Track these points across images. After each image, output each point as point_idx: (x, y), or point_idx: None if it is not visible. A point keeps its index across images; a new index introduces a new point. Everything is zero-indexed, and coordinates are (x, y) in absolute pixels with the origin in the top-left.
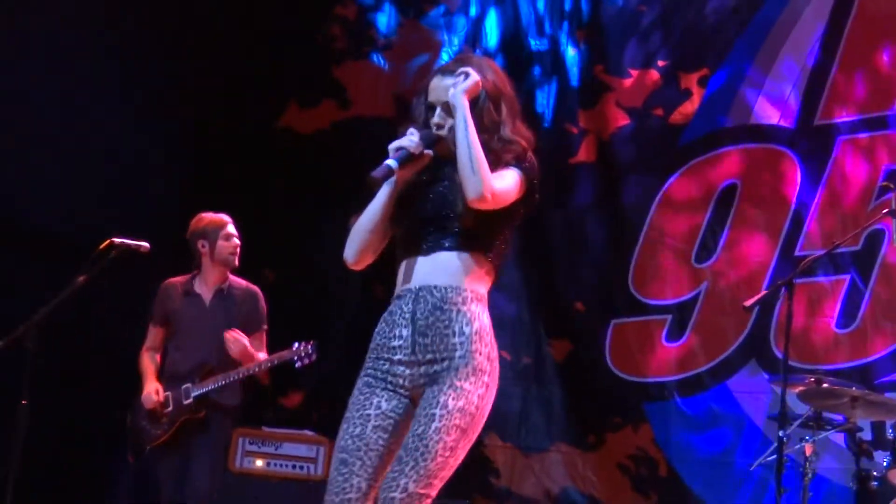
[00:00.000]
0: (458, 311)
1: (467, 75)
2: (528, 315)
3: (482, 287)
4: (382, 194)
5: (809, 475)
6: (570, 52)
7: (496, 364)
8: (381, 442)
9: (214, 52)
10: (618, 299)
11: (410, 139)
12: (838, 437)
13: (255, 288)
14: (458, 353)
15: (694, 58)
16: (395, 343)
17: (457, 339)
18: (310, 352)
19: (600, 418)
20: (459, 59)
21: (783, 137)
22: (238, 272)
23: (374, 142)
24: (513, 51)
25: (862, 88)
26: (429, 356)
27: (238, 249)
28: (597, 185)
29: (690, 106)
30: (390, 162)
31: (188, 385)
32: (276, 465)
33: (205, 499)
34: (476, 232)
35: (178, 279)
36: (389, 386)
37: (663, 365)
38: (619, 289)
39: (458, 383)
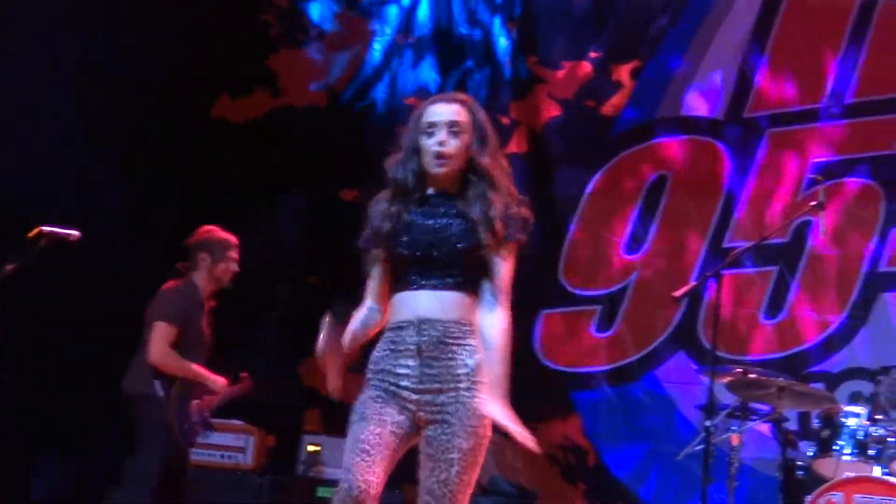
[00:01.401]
0: (461, 345)
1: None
2: None
3: (476, 318)
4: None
5: (736, 465)
6: (503, 43)
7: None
8: (394, 445)
9: (147, 40)
10: (548, 290)
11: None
12: (765, 427)
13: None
14: (462, 386)
15: (626, 49)
16: (402, 371)
17: (462, 372)
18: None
19: (529, 408)
20: (457, 94)
21: (713, 129)
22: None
23: (306, 131)
24: (444, 41)
25: (792, 81)
26: (436, 385)
27: (236, 274)
28: (528, 176)
29: (622, 97)
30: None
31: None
32: (204, 454)
33: None
34: (474, 273)
35: (180, 282)
36: (398, 402)
37: (593, 355)
38: (548, 279)
39: (467, 422)
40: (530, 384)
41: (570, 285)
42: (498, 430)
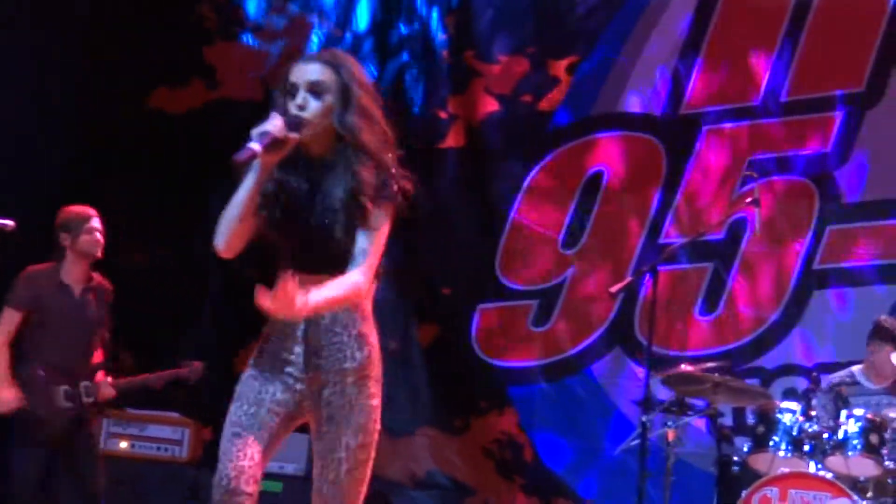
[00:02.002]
0: (350, 334)
1: None
2: (395, 299)
3: (368, 303)
4: (249, 182)
5: (672, 460)
6: (440, 37)
7: (381, 380)
8: (272, 423)
9: (83, 30)
10: (484, 284)
11: (273, 123)
12: (700, 423)
13: (108, 284)
14: (350, 380)
15: (563, 45)
16: (288, 356)
17: (349, 365)
18: (200, 372)
19: (466, 402)
20: (324, 52)
21: (650, 125)
22: (110, 255)
23: (242, 124)
24: (382, 34)
25: (728, 78)
26: (322, 376)
27: (100, 243)
28: (465, 170)
29: (559, 93)
30: (253, 144)
31: (87, 383)
32: (140, 446)
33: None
34: (351, 254)
35: (41, 267)
36: (284, 381)
37: (529, 350)
38: (485, 274)
39: (354, 420)
40: (467, 379)
41: (507, 280)
42: (435, 425)
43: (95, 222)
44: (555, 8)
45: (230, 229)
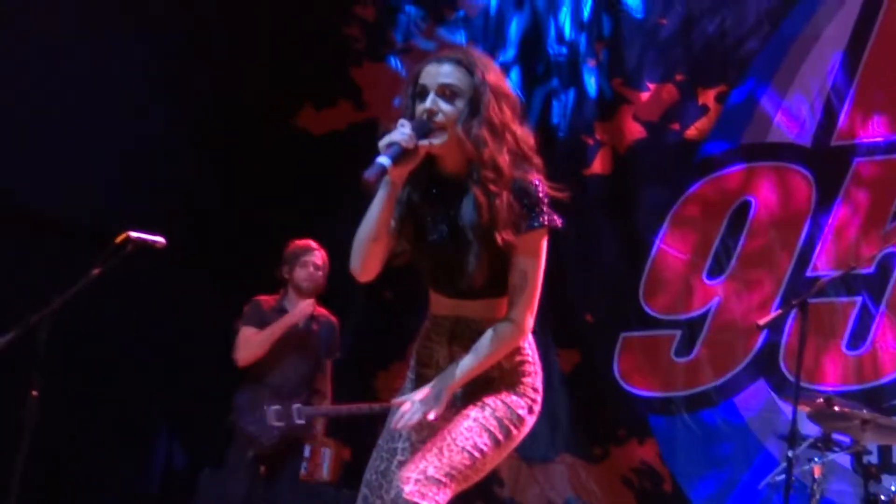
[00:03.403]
0: None
1: None
2: (537, 325)
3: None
4: (379, 199)
5: (817, 497)
6: (589, 63)
7: (540, 396)
8: None
9: (232, 49)
10: (628, 312)
11: (402, 132)
12: (844, 459)
13: (335, 319)
14: (497, 385)
15: (712, 73)
16: (433, 372)
17: (496, 374)
18: None
19: (606, 431)
20: (458, 49)
21: (799, 156)
22: (251, 271)
23: None
24: (531, 60)
25: (881, 110)
26: (468, 389)
27: (315, 278)
28: (610, 197)
29: (707, 122)
30: (382, 160)
31: (298, 405)
32: None
33: None
34: (494, 282)
35: (268, 297)
36: (422, 419)
37: (671, 380)
38: (629, 302)
39: (500, 396)
40: (607, 406)
41: (651, 308)
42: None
43: (313, 256)
44: (705, 37)
45: (364, 251)
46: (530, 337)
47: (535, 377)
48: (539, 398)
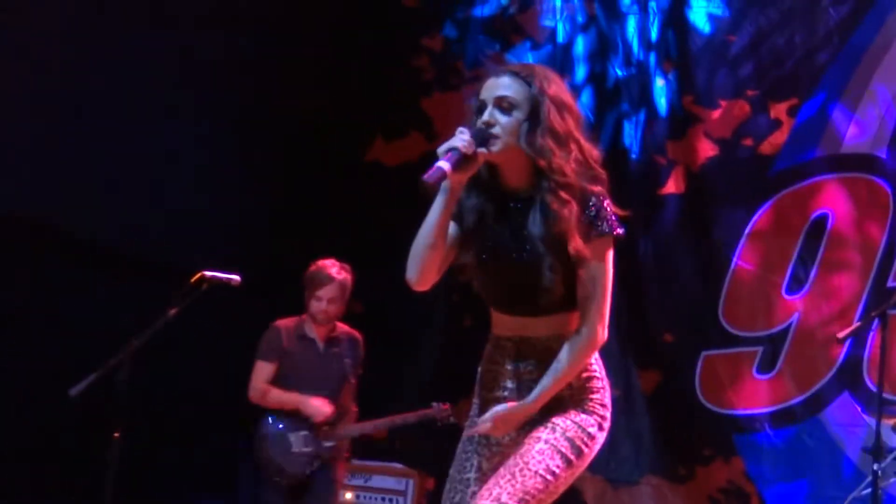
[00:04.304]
0: None
1: None
2: (617, 346)
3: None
4: (437, 206)
5: None
6: (659, 83)
7: (609, 412)
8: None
9: (300, 82)
10: (708, 331)
11: (461, 137)
12: None
13: (357, 334)
14: (567, 403)
15: (784, 87)
16: (500, 394)
17: (565, 392)
18: (449, 414)
19: (691, 451)
20: (518, 63)
21: (874, 167)
22: None
23: None
24: (600, 81)
25: None
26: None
27: (327, 314)
28: (686, 215)
29: (780, 136)
30: (442, 164)
31: (325, 428)
32: (365, 497)
33: None
34: (567, 296)
35: (287, 321)
36: (492, 446)
37: (754, 397)
38: (709, 320)
39: (569, 416)
40: (691, 426)
41: (731, 326)
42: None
43: (325, 290)
44: (775, 50)
45: (421, 259)
46: (597, 356)
47: (603, 393)
48: (608, 414)
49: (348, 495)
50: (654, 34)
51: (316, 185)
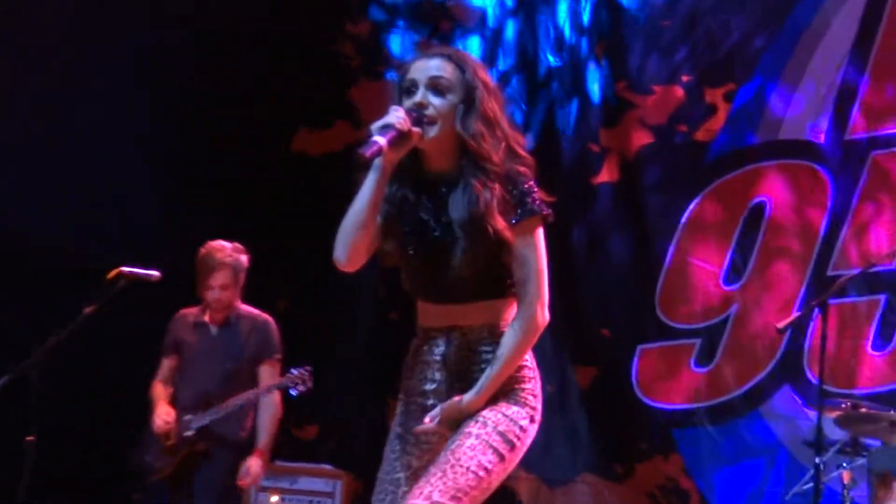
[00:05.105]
0: (494, 351)
1: None
2: (551, 341)
3: (512, 316)
4: (369, 185)
5: (848, 503)
6: (591, 69)
7: (540, 403)
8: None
9: (222, 72)
10: (644, 323)
11: (396, 115)
12: None
13: (266, 316)
14: (498, 395)
15: (719, 72)
16: (428, 387)
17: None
18: (304, 378)
19: (628, 447)
20: (446, 47)
21: (814, 153)
22: (250, 301)
23: None
24: (531, 68)
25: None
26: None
27: (220, 301)
28: (621, 205)
29: (716, 122)
30: (378, 138)
31: (189, 416)
32: (291, 500)
33: None
34: (495, 282)
35: (190, 309)
36: (421, 444)
37: (693, 391)
38: (645, 313)
39: (500, 409)
40: (628, 422)
41: (668, 318)
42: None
43: (215, 278)
44: (709, 34)
45: (350, 239)
46: None
47: (534, 384)
48: (539, 406)
49: (274, 498)
50: (585, 18)
51: (239, 176)
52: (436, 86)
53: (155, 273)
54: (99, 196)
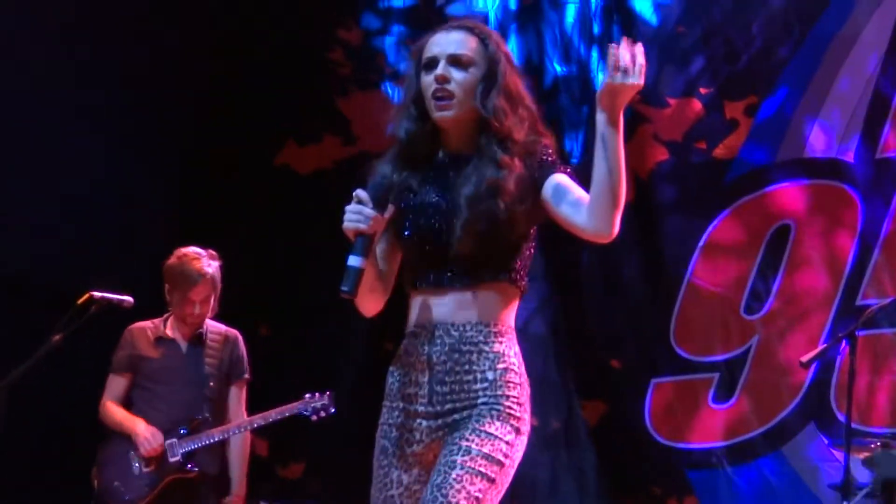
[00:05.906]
0: (480, 352)
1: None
2: (557, 374)
3: (507, 315)
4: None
5: None
6: (601, 79)
7: (527, 411)
8: None
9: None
10: (658, 356)
11: (357, 217)
12: None
13: (235, 332)
14: (480, 401)
15: (740, 84)
16: (412, 390)
17: (479, 386)
18: (326, 403)
19: (639, 488)
20: (467, 19)
21: (842, 172)
22: (231, 326)
23: None
24: (537, 77)
25: None
26: (448, 406)
27: (197, 318)
28: (634, 227)
29: (737, 138)
30: (353, 262)
31: (173, 440)
32: None
33: None
34: (487, 263)
35: (145, 323)
36: (407, 456)
37: (710, 429)
38: (659, 344)
39: (482, 427)
40: (640, 462)
41: (684, 350)
42: None
43: (197, 292)
44: (730, 43)
45: (365, 304)
46: (516, 346)
47: (520, 390)
48: (526, 415)
49: None
50: (596, 27)
51: (221, 192)
52: (457, 60)
53: (128, 299)
54: (77, 216)
